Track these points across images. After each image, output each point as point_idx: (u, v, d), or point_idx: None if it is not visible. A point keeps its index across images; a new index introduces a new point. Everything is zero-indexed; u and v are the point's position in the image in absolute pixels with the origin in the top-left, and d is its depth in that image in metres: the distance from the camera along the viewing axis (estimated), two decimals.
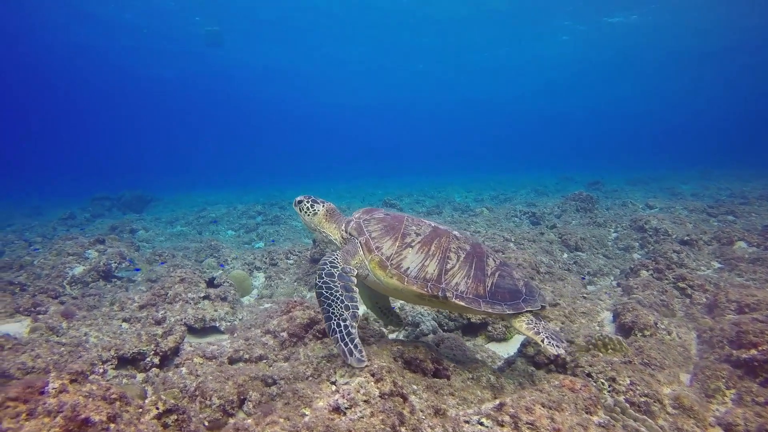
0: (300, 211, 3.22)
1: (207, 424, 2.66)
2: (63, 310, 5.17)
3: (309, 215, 3.18)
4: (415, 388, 2.55)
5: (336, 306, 2.59)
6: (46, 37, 33.97)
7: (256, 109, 79.10)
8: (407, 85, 59.74)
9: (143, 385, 3.43)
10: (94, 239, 8.12)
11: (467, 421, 2.33)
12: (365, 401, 2.21)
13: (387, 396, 2.27)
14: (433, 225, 2.99)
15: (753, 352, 3.50)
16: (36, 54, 38.35)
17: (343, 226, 3.10)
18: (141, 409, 2.20)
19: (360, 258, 2.88)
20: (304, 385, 2.48)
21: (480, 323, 4.70)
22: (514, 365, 3.43)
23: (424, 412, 2.36)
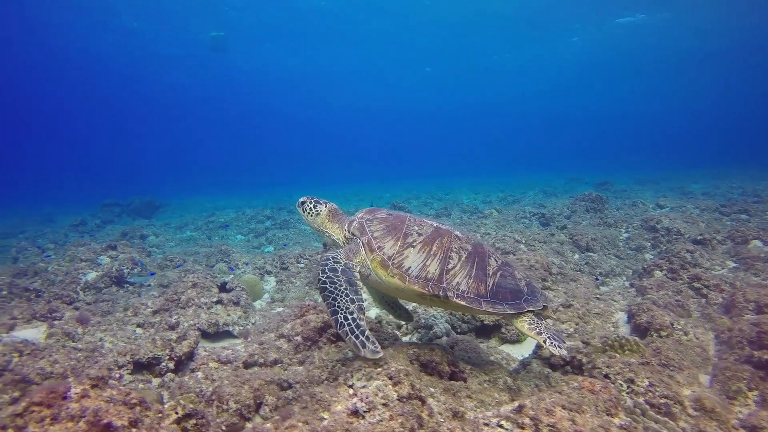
0: (303, 212, 3.24)
1: (224, 428, 2.67)
2: (78, 315, 5.22)
3: (312, 216, 3.21)
4: (433, 390, 2.54)
5: (341, 299, 2.59)
6: (51, 42, 34.43)
7: (262, 114, 79.40)
8: (414, 89, 59.66)
9: (159, 390, 3.45)
10: (106, 245, 8.20)
11: (486, 424, 2.31)
12: (384, 404, 2.21)
13: (405, 399, 2.26)
14: (435, 225, 2.99)
15: None
16: (44, 61, 38.84)
17: (346, 226, 3.11)
18: (161, 414, 2.22)
19: (362, 257, 2.88)
20: (321, 389, 2.47)
21: (493, 325, 4.67)
22: (529, 367, 3.40)
23: (442, 414, 2.35)
